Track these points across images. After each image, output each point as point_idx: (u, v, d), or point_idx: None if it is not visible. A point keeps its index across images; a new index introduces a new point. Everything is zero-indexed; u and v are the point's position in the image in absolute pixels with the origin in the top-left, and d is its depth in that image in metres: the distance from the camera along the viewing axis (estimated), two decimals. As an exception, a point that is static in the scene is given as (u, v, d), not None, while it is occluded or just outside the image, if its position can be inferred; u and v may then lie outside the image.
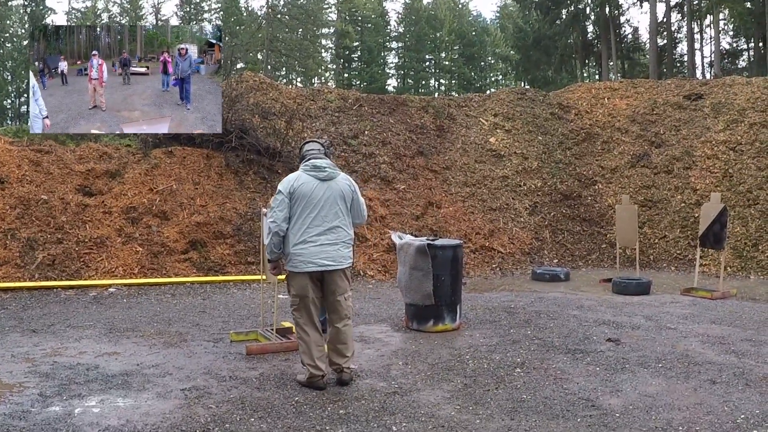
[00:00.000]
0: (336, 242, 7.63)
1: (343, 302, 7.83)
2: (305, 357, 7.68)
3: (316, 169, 7.69)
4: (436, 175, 20.87)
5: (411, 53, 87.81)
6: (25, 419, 6.55)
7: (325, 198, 7.62)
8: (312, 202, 7.57)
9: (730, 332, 10.67)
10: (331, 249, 7.59)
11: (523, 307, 12.74)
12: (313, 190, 7.60)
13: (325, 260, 7.56)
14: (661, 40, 52.85)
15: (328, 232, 7.60)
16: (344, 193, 7.77)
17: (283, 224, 7.57)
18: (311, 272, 7.59)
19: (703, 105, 22.95)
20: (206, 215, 16.64)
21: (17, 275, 14.28)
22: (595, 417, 6.72)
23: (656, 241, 19.53)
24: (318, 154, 7.90)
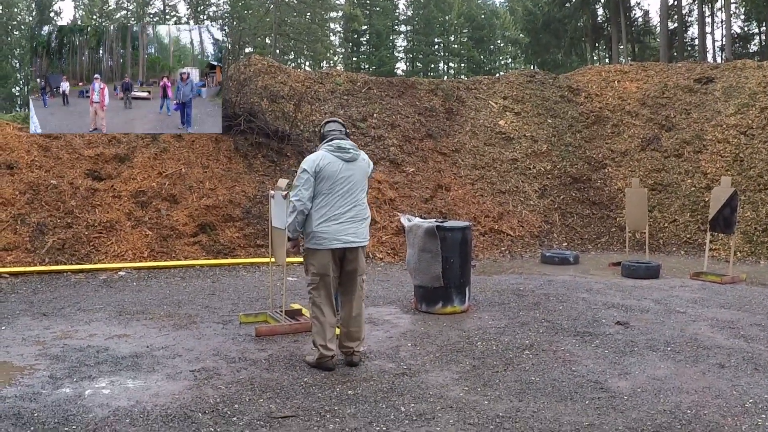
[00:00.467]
0: (359, 219, 7.78)
1: (361, 284, 7.93)
2: (318, 337, 7.71)
3: (341, 150, 7.78)
4: (445, 157, 20.84)
5: (420, 36, 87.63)
6: (35, 401, 6.58)
7: (350, 178, 7.74)
8: (339, 182, 7.67)
9: (739, 317, 10.66)
10: (354, 226, 7.73)
11: (532, 290, 12.74)
12: (339, 170, 7.69)
13: (349, 236, 7.68)
14: (671, 23, 52.71)
15: (352, 210, 7.73)
16: (365, 172, 7.95)
17: (308, 203, 7.65)
18: (335, 249, 7.68)
19: (714, 89, 22.85)
20: (215, 198, 16.66)
21: (27, 260, 14.32)
22: (604, 399, 6.73)
23: (666, 224, 19.49)
24: (340, 135, 7.97)
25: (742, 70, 23.22)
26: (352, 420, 6.15)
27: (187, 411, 6.30)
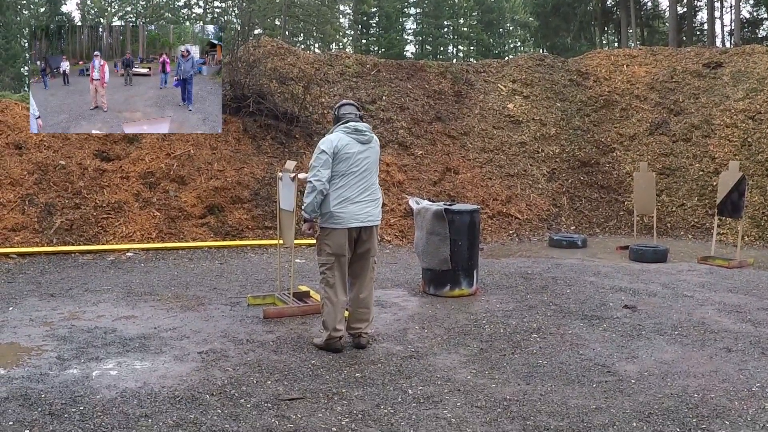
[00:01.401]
0: (373, 200, 7.90)
1: (369, 265, 8.00)
2: (329, 318, 7.74)
3: (358, 133, 7.84)
4: (453, 140, 20.82)
5: (429, 19, 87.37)
6: (43, 382, 6.60)
7: (365, 160, 7.83)
8: (356, 164, 7.74)
9: (746, 301, 10.66)
10: (370, 206, 7.85)
11: (540, 273, 12.75)
12: (357, 152, 7.77)
13: (365, 216, 7.78)
14: (681, 7, 52.46)
15: (367, 190, 7.83)
16: (378, 154, 8.08)
17: (327, 183, 7.69)
18: (352, 228, 7.75)
19: (723, 73, 22.78)
20: (224, 180, 16.66)
21: (35, 240, 14.35)
22: (611, 383, 6.74)
23: (674, 209, 19.48)
24: (355, 117, 8.02)
25: (751, 55, 23.14)
26: (359, 402, 6.16)
27: (194, 393, 6.32)
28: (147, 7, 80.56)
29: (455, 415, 5.91)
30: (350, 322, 7.96)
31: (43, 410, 5.90)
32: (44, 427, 5.56)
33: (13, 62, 60.15)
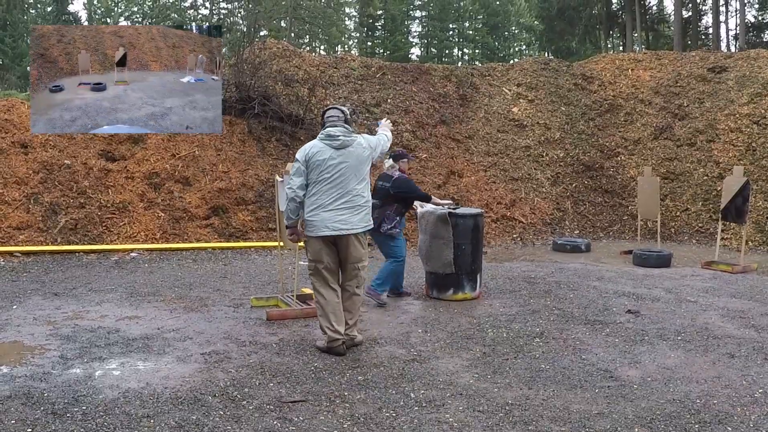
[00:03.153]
0: (350, 208, 7.71)
1: (359, 273, 7.96)
2: (323, 320, 7.77)
3: (330, 138, 7.78)
4: (458, 144, 20.83)
5: (435, 22, 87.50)
6: (46, 381, 6.61)
7: (339, 165, 7.69)
8: (327, 170, 7.67)
9: (749, 306, 10.65)
10: (344, 214, 7.68)
11: (543, 278, 12.74)
12: (328, 158, 7.69)
13: (338, 224, 7.65)
14: (686, 11, 52.57)
15: (342, 197, 7.68)
16: (360, 158, 7.84)
17: (298, 191, 7.74)
18: (324, 237, 7.70)
19: (727, 78, 22.76)
20: (228, 181, 16.69)
21: (40, 239, 14.37)
22: (614, 388, 6.74)
23: (678, 213, 19.47)
24: (336, 121, 7.94)
25: (756, 59, 23.13)
26: (361, 405, 6.16)
27: (197, 394, 6.33)
28: (153, 7, 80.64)
29: (457, 419, 5.91)
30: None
31: (45, 409, 5.91)
32: (46, 427, 5.57)
33: (20, 61, 60.24)
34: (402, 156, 10.54)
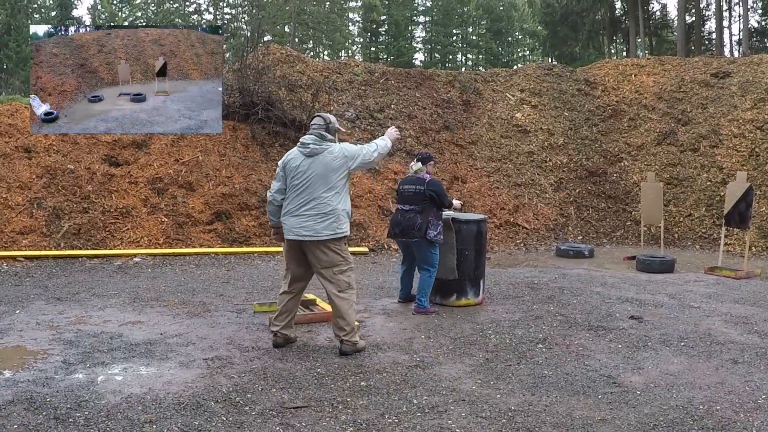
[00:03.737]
0: (314, 215, 7.83)
1: (330, 276, 7.97)
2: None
3: (302, 145, 8.01)
4: (461, 149, 20.84)
5: (438, 27, 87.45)
6: (48, 386, 6.61)
7: (307, 173, 7.88)
8: (297, 177, 7.92)
9: (753, 312, 10.63)
10: (308, 221, 7.82)
11: (547, 283, 12.73)
12: (299, 165, 7.93)
13: (301, 230, 7.84)
14: (689, 17, 52.57)
15: (308, 204, 7.85)
16: (330, 167, 7.92)
17: (276, 195, 8.17)
18: (291, 240, 7.96)
19: (731, 83, 22.78)
20: (231, 187, 16.70)
21: (43, 244, 14.39)
22: (617, 394, 6.73)
23: (681, 219, 19.47)
24: (316, 129, 8.09)
25: (759, 65, 23.14)
26: (364, 411, 6.16)
27: (199, 399, 6.32)
28: (157, 12, 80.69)
29: (460, 425, 5.90)
30: (333, 328, 8.10)
31: (48, 414, 5.91)
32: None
33: (24, 66, 60.27)
34: (429, 158, 10.57)
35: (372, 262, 15.07)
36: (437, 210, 10.18)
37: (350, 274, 8.07)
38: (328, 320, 9.43)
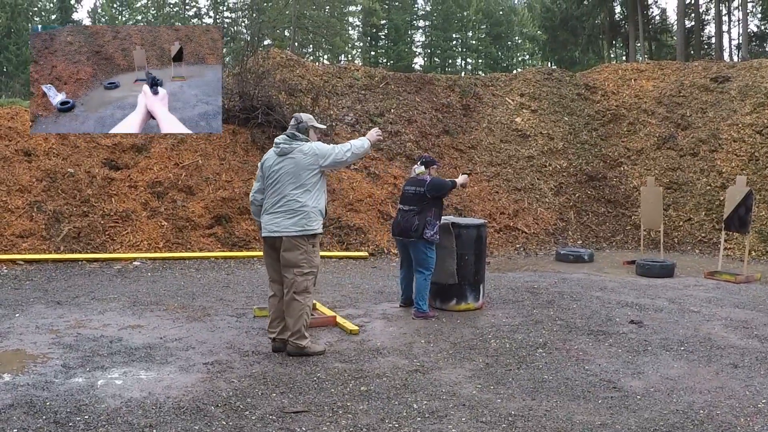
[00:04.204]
0: (283, 211, 7.99)
1: (290, 276, 8.01)
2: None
3: (275, 145, 8.29)
4: (461, 154, 20.85)
5: (438, 32, 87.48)
6: (48, 390, 6.61)
7: (279, 171, 8.09)
8: (270, 176, 8.16)
9: (753, 317, 10.63)
10: (278, 218, 8.00)
11: (547, 288, 12.73)
12: (272, 164, 8.17)
13: (272, 226, 8.02)
14: (688, 21, 52.59)
15: (278, 202, 8.03)
16: (300, 165, 8.07)
17: (256, 195, 8.45)
18: (265, 239, 8.23)
19: (730, 88, 22.79)
20: (231, 191, 16.69)
21: (42, 247, 14.38)
22: (617, 399, 6.73)
23: (681, 223, 19.47)
24: (289, 129, 8.38)
25: (759, 69, 23.16)
26: (364, 416, 6.15)
27: (199, 404, 6.32)
28: (158, 16, 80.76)
29: (460, 430, 5.90)
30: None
31: (47, 418, 5.91)
32: (49, 437, 5.58)
33: (24, 68, 60.25)
34: (433, 162, 10.58)
35: (372, 267, 15.07)
36: (437, 210, 10.19)
37: (310, 278, 8.11)
38: (328, 324, 9.47)
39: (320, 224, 8.12)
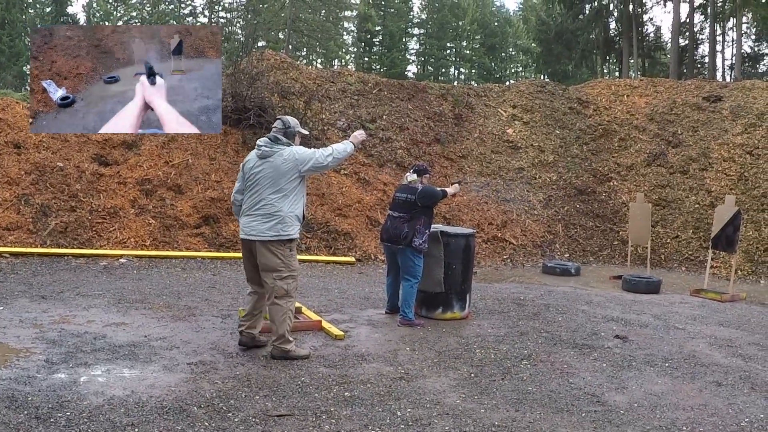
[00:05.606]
0: (261, 215, 8.01)
1: (270, 281, 8.04)
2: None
3: (257, 147, 8.26)
4: (452, 163, 20.85)
5: (432, 40, 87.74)
6: (30, 384, 6.58)
7: (257, 174, 8.11)
8: (250, 178, 8.18)
9: (737, 335, 10.66)
10: (255, 221, 8.02)
11: (533, 300, 12.73)
12: (252, 166, 8.19)
13: (248, 229, 8.07)
14: (683, 40, 52.73)
15: (257, 205, 8.05)
16: (279, 170, 8.05)
17: (236, 195, 8.48)
18: (242, 240, 8.29)
19: (722, 107, 22.86)
20: (220, 191, 16.65)
21: (29, 240, 14.33)
22: (600, 413, 6.73)
23: (668, 240, 19.50)
24: (274, 132, 8.34)
25: (751, 90, 23.24)
26: (347, 422, 6.14)
27: (182, 404, 6.30)
28: (152, 13, 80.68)
29: (443, 438, 5.90)
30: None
31: (29, 413, 5.88)
32: (30, 431, 5.54)
33: (16, 60, 60.14)
34: (425, 171, 10.58)
35: (359, 273, 15.05)
36: (427, 219, 10.18)
37: (290, 281, 8.09)
38: (313, 329, 9.44)
39: (296, 229, 8.13)
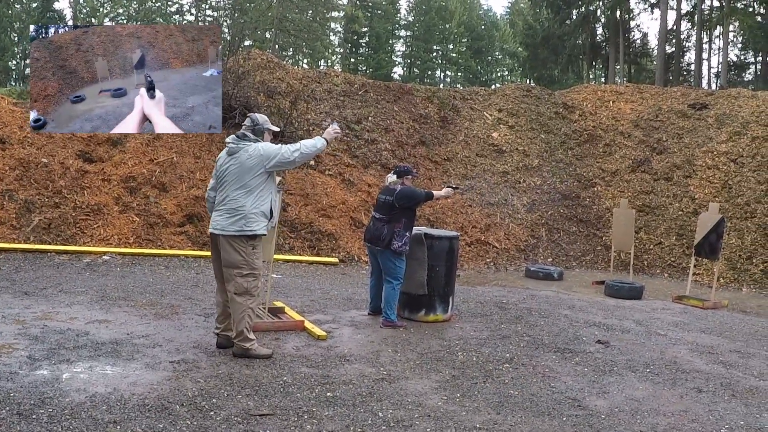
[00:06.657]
0: (226, 210, 8.05)
1: (230, 277, 8.05)
2: None
3: (226, 144, 8.27)
4: (436, 165, 20.88)
5: (419, 43, 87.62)
6: (12, 381, 6.55)
7: (225, 170, 8.16)
8: (220, 174, 8.25)
9: (719, 342, 10.70)
10: (221, 216, 8.08)
11: (515, 303, 12.75)
12: (222, 163, 8.24)
13: (214, 223, 8.14)
14: (669, 47, 52.93)
15: (223, 200, 8.11)
16: (244, 166, 8.06)
17: (210, 192, 8.55)
18: (210, 234, 8.34)
19: (708, 115, 22.98)
20: (205, 190, 16.58)
21: (12, 236, 14.28)
22: (581, 417, 6.75)
23: (651, 246, 19.57)
24: (243, 129, 8.35)
25: (737, 98, 23.38)
26: (329, 422, 6.14)
27: (164, 402, 6.29)
28: (139, 10, 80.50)
29: (424, 440, 5.91)
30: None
31: (11, 410, 5.86)
32: (11, 427, 5.53)
33: (2, 55, 59.94)
34: (407, 172, 10.53)
35: (342, 273, 15.06)
36: (407, 221, 10.18)
37: (251, 280, 8.07)
38: (296, 329, 9.44)
39: (262, 226, 8.08)
